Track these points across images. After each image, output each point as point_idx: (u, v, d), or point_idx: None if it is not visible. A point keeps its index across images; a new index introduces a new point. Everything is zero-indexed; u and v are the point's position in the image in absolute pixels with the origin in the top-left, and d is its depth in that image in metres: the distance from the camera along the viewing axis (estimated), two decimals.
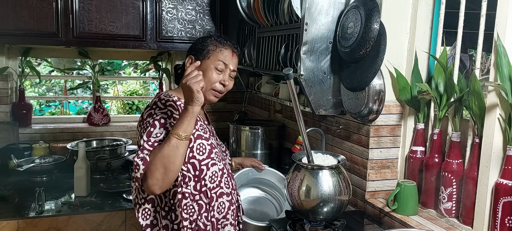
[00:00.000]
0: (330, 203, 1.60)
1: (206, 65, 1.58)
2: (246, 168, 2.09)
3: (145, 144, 1.42)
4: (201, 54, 1.59)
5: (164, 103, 1.52)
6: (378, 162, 1.94)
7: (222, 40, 1.63)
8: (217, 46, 1.61)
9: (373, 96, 1.80)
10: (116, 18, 2.79)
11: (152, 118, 1.48)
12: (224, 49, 1.61)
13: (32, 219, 2.11)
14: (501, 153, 1.53)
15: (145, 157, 1.39)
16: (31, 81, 5.11)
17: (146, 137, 1.44)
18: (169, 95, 1.57)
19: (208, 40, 1.63)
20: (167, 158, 1.38)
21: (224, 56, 1.60)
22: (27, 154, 2.83)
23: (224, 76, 1.60)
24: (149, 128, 1.45)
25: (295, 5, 1.97)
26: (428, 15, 1.89)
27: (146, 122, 1.49)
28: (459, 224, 1.67)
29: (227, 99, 3.47)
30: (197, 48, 1.62)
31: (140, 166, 1.37)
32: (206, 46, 1.60)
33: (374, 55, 1.71)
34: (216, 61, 1.58)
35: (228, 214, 1.63)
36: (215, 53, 1.59)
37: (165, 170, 1.38)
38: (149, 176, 1.38)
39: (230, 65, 1.61)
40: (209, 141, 1.59)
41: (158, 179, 1.38)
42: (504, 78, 1.47)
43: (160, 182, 1.39)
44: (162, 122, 1.47)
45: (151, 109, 1.52)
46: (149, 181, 1.38)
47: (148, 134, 1.44)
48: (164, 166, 1.38)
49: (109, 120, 3.38)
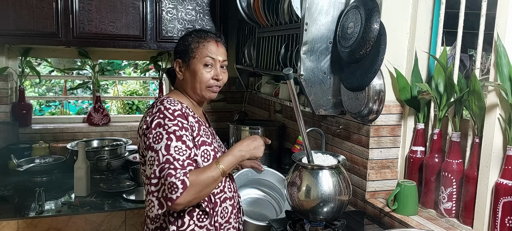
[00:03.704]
0: (330, 203, 1.60)
1: (194, 65, 1.54)
2: (245, 169, 2.09)
3: (173, 159, 1.38)
4: (186, 55, 1.56)
5: (172, 113, 1.47)
6: (378, 162, 1.94)
7: (203, 35, 1.58)
8: (199, 41, 1.56)
9: (373, 96, 1.80)
10: (116, 18, 2.79)
11: (164, 129, 1.43)
12: (207, 43, 1.56)
13: (32, 219, 2.11)
14: (501, 153, 1.53)
15: (185, 179, 1.36)
16: (31, 81, 5.11)
17: (164, 151, 1.39)
18: (171, 102, 1.50)
19: (189, 38, 1.57)
20: (206, 189, 1.42)
21: (209, 50, 1.55)
22: (27, 154, 2.83)
23: (216, 71, 1.56)
24: (165, 141, 1.41)
25: (295, 5, 1.97)
26: (428, 15, 1.89)
27: (157, 133, 1.43)
28: (459, 224, 1.67)
29: (227, 99, 3.47)
30: (180, 50, 1.58)
31: (179, 189, 1.34)
32: (188, 46, 1.56)
33: (374, 55, 1.71)
34: (203, 57, 1.54)
35: (231, 218, 1.62)
36: (199, 50, 1.54)
37: (197, 197, 1.41)
38: (182, 200, 1.36)
39: (219, 57, 1.56)
40: (212, 145, 1.58)
41: (189, 202, 1.39)
42: (504, 78, 1.47)
43: (187, 204, 1.40)
44: (177, 135, 1.43)
45: (158, 119, 1.45)
46: (179, 201, 1.36)
47: (166, 148, 1.40)
48: (199, 194, 1.40)
49: (109, 120, 3.38)
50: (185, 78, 1.58)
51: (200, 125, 1.56)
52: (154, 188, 1.39)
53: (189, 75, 1.57)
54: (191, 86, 1.58)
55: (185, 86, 1.60)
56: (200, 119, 1.60)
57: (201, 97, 1.60)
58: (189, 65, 1.56)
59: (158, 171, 1.38)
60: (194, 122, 1.53)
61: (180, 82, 1.61)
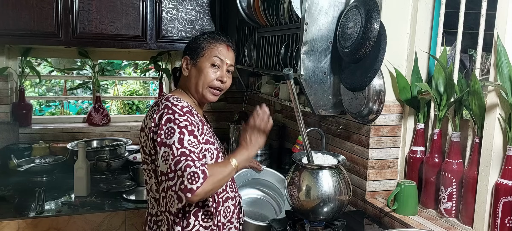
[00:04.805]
0: (330, 203, 1.60)
1: (201, 63, 1.57)
2: (244, 169, 2.08)
3: (189, 152, 1.38)
4: (196, 52, 1.58)
5: (181, 109, 1.47)
6: (378, 162, 1.94)
7: (215, 36, 1.61)
8: (211, 42, 1.59)
9: (373, 96, 1.80)
10: (116, 18, 2.79)
11: (175, 124, 1.42)
12: (218, 44, 1.59)
13: (32, 219, 2.11)
14: (501, 153, 1.53)
15: (205, 169, 1.36)
16: (31, 81, 5.11)
17: (178, 144, 1.39)
18: (178, 100, 1.50)
19: (201, 38, 1.61)
20: (222, 181, 1.43)
21: (219, 51, 1.58)
22: (27, 154, 2.83)
23: (221, 73, 1.58)
24: (178, 135, 1.40)
25: (295, 5, 1.97)
26: (428, 15, 1.89)
27: (169, 128, 1.42)
28: (459, 224, 1.67)
29: (227, 99, 3.47)
30: (191, 47, 1.61)
31: (200, 178, 1.34)
32: (200, 44, 1.59)
33: (374, 55, 1.71)
34: (211, 57, 1.56)
35: (232, 218, 1.63)
36: (209, 50, 1.57)
37: (213, 189, 1.41)
38: (202, 191, 1.36)
39: (227, 60, 1.59)
40: (215, 145, 1.58)
41: (206, 193, 1.38)
42: (504, 78, 1.47)
43: (204, 196, 1.39)
44: (189, 130, 1.43)
45: (168, 114, 1.44)
46: (199, 191, 1.36)
47: (179, 141, 1.39)
48: (215, 186, 1.41)
49: (109, 120, 3.38)
50: (189, 75, 1.59)
51: (203, 124, 1.57)
52: (171, 182, 1.37)
53: (194, 72, 1.58)
54: (194, 84, 1.58)
55: (188, 84, 1.60)
56: (202, 118, 1.61)
57: (202, 97, 1.60)
58: (196, 63, 1.57)
59: (173, 165, 1.37)
60: (198, 121, 1.54)
61: (184, 80, 1.62)
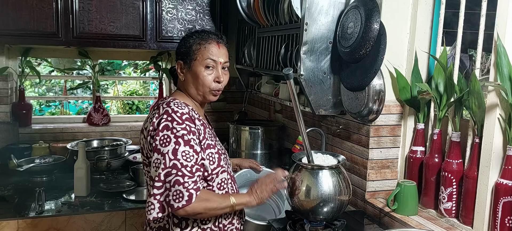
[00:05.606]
0: (330, 203, 1.60)
1: (195, 67, 1.54)
2: (244, 169, 2.08)
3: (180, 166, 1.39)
4: (188, 57, 1.55)
5: (180, 116, 1.46)
6: (378, 162, 1.94)
7: (204, 36, 1.57)
8: (201, 43, 1.55)
9: (373, 96, 1.80)
10: (116, 18, 2.79)
11: (172, 133, 1.42)
12: (208, 44, 1.55)
13: (32, 219, 2.11)
14: (501, 153, 1.53)
15: (192, 193, 1.38)
16: (31, 81, 5.10)
17: (171, 155, 1.39)
18: (179, 106, 1.49)
19: (190, 40, 1.57)
20: (214, 211, 1.46)
21: (211, 52, 1.54)
22: (27, 154, 2.84)
23: (217, 73, 1.56)
24: (172, 145, 1.40)
25: (295, 5, 1.97)
26: (428, 15, 1.89)
27: (165, 136, 1.42)
28: (459, 224, 1.67)
29: (227, 99, 3.47)
30: (182, 51, 1.58)
31: (183, 199, 1.36)
32: (190, 47, 1.55)
33: (374, 55, 1.71)
34: (204, 60, 1.53)
35: (234, 219, 1.63)
36: (201, 53, 1.54)
37: (202, 214, 1.44)
38: (188, 209, 1.39)
39: (220, 59, 1.56)
40: (216, 148, 1.58)
41: (188, 215, 1.42)
42: (504, 78, 1.47)
43: (185, 215, 1.43)
44: (186, 140, 1.42)
45: (166, 121, 1.44)
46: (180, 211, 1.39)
47: (173, 152, 1.39)
48: (205, 212, 1.44)
49: (109, 120, 3.38)
50: (186, 79, 1.58)
51: (204, 127, 1.56)
52: (156, 190, 1.39)
53: (190, 77, 1.57)
54: (193, 88, 1.58)
55: (187, 88, 1.60)
56: (204, 120, 1.61)
57: (203, 99, 1.60)
58: (190, 67, 1.56)
59: (163, 175, 1.39)
60: (200, 125, 1.53)
61: (182, 83, 1.62)
